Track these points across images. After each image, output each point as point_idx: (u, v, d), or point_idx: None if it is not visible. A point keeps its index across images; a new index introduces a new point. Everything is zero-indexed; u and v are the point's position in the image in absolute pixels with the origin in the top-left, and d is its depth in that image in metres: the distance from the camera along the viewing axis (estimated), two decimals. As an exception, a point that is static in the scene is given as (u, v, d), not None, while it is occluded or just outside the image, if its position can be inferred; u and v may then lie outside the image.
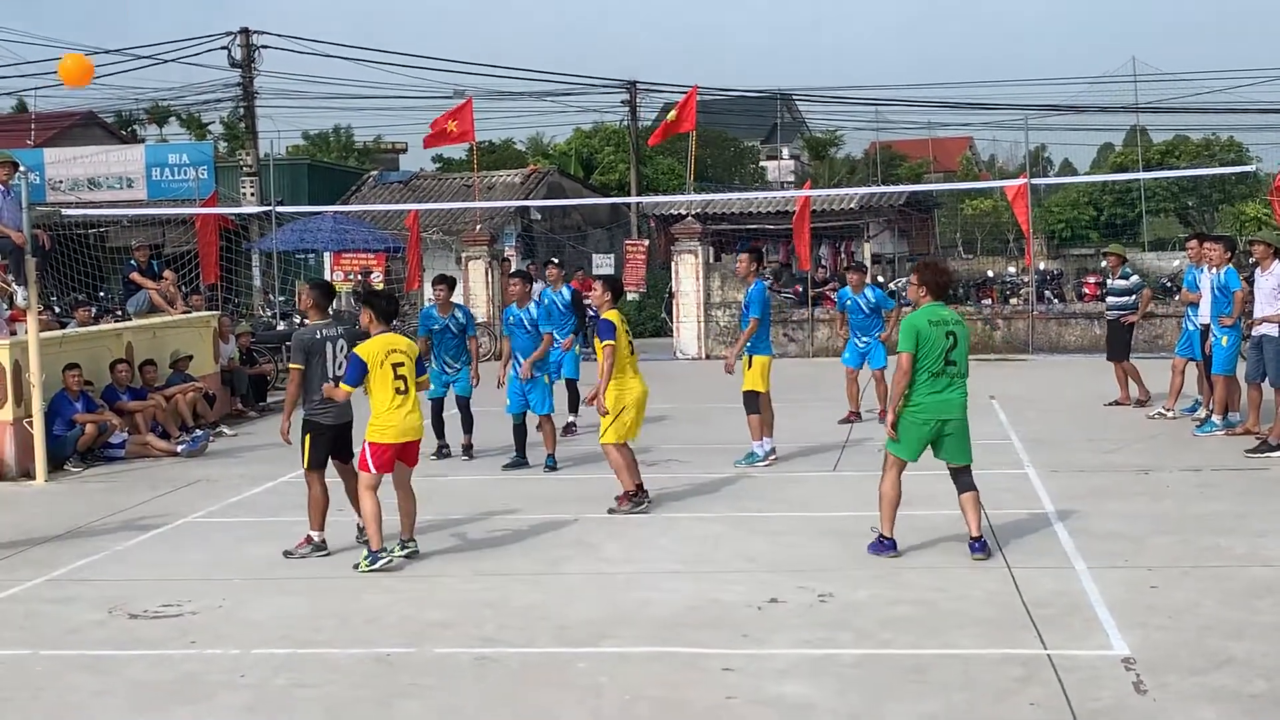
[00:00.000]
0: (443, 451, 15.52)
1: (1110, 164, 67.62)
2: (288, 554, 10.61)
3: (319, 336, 10.71)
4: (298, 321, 26.64)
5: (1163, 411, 16.73)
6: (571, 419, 17.00)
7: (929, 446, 9.97)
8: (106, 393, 16.54)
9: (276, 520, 12.05)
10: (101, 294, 30.01)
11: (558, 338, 15.89)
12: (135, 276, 21.11)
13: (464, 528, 11.54)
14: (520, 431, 14.68)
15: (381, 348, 10.22)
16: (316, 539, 10.69)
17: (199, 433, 17.00)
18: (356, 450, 10.52)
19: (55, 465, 15.08)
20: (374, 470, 10.19)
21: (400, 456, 10.34)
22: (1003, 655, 7.67)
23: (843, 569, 9.68)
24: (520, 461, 14.59)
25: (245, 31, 37.04)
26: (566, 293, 17.12)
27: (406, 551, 10.27)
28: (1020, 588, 9.02)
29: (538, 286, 17.37)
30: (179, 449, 16.23)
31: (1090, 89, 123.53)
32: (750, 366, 14.15)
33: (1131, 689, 7.04)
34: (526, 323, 14.78)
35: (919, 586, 9.17)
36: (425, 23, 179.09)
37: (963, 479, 9.98)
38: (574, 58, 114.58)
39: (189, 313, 20.59)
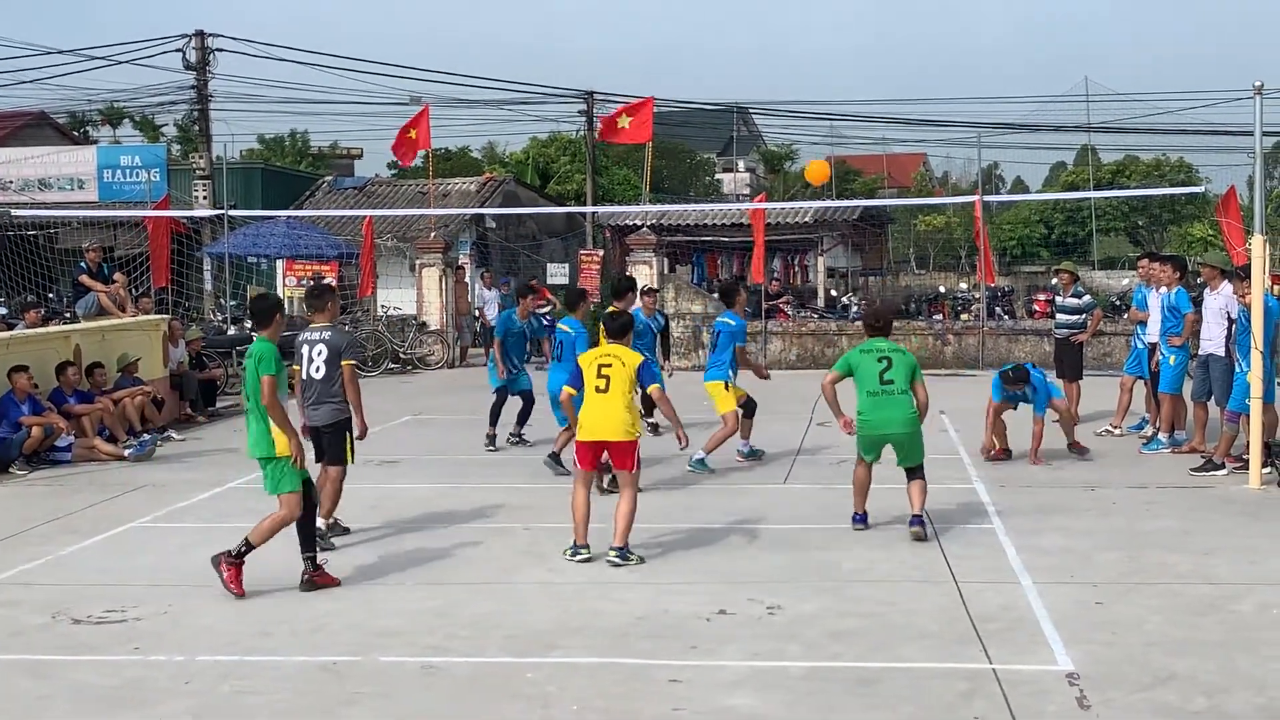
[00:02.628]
0: (492, 436, 16.59)
1: (1062, 182, 68.28)
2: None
3: (299, 339, 11.12)
4: (248, 326, 26.54)
5: (1110, 429, 16.87)
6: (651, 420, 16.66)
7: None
8: (54, 395, 16.39)
9: (223, 526, 11.96)
10: (51, 296, 29.72)
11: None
12: (85, 279, 20.94)
13: (414, 536, 11.50)
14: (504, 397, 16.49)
15: (597, 354, 10.84)
16: (321, 526, 10.85)
17: (146, 437, 16.85)
18: None
19: (0, 468, 14.92)
20: (577, 465, 10.72)
21: (610, 455, 10.63)
22: (949, 669, 7.72)
23: (792, 581, 9.71)
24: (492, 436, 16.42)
25: (200, 34, 36.77)
26: (661, 319, 18.27)
27: (613, 558, 10.31)
28: (967, 602, 9.08)
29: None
30: (126, 453, 16.09)
31: (1043, 108, 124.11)
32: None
33: (1075, 704, 7.10)
34: (527, 332, 16.90)
35: (867, 600, 9.21)
36: (382, 29, 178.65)
37: (913, 473, 11.05)
38: (531, 67, 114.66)
39: (138, 316, 20.43)
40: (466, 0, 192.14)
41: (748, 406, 14.93)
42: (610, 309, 11.94)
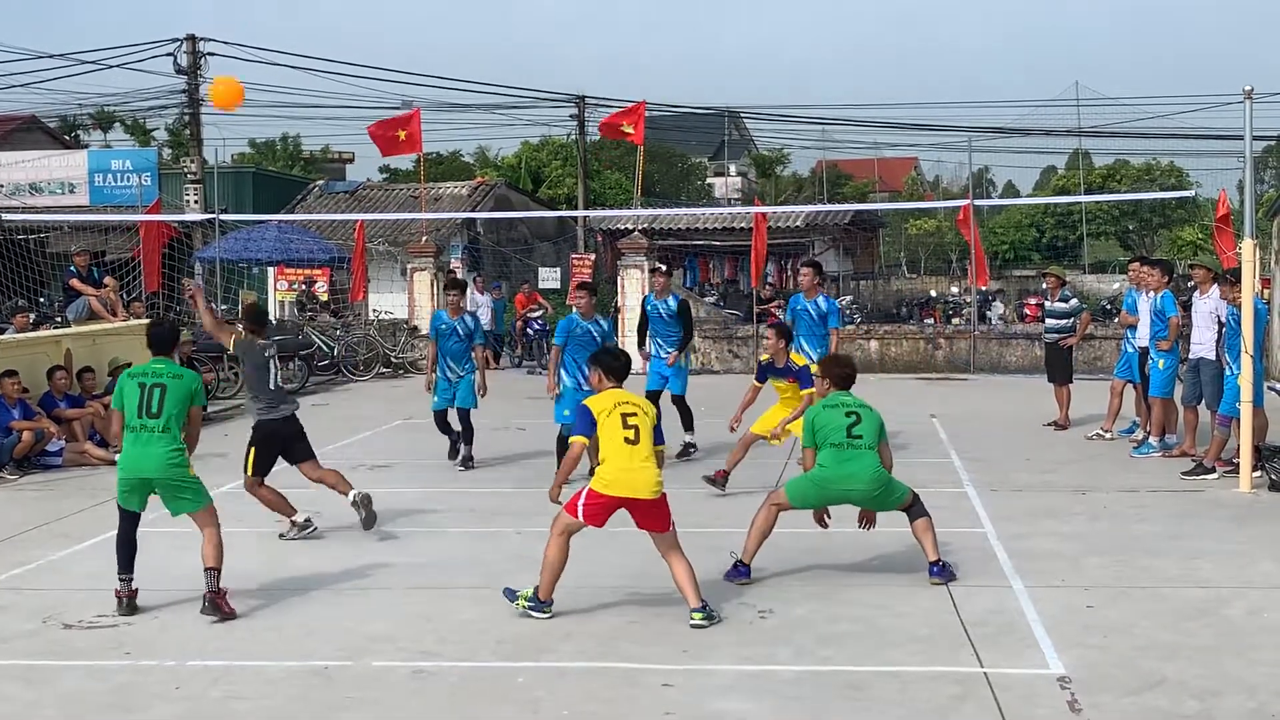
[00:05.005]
0: (456, 449, 15.64)
1: (1052, 187, 68.36)
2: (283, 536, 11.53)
3: (256, 345, 11.70)
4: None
5: (1100, 433, 16.89)
6: (689, 438, 15.90)
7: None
8: (44, 400, 16.35)
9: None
10: (41, 300, 29.67)
11: (664, 349, 15.89)
12: (75, 283, 20.90)
13: (404, 540, 11.49)
14: (442, 419, 15.65)
15: (611, 400, 9.19)
16: (300, 519, 11.57)
17: (138, 441, 16.78)
18: None
19: (-10, 473, 14.89)
20: (580, 516, 9.01)
21: (633, 515, 9.19)
22: (940, 673, 7.72)
23: (782, 585, 9.71)
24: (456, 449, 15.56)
25: (192, 38, 36.71)
26: (673, 302, 16.06)
27: (699, 620, 8.75)
28: (958, 606, 9.09)
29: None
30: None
31: (1034, 112, 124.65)
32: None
33: (1066, 708, 7.11)
34: (460, 331, 15.45)
35: (858, 604, 9.21)
36: (374, 34, 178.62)
37: (910, 511, 9.96)
38: (523, 71, 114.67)
39: (129, 320, 20.38)
40: (458, 4, 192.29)
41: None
42: (606, 347, 10.56)
